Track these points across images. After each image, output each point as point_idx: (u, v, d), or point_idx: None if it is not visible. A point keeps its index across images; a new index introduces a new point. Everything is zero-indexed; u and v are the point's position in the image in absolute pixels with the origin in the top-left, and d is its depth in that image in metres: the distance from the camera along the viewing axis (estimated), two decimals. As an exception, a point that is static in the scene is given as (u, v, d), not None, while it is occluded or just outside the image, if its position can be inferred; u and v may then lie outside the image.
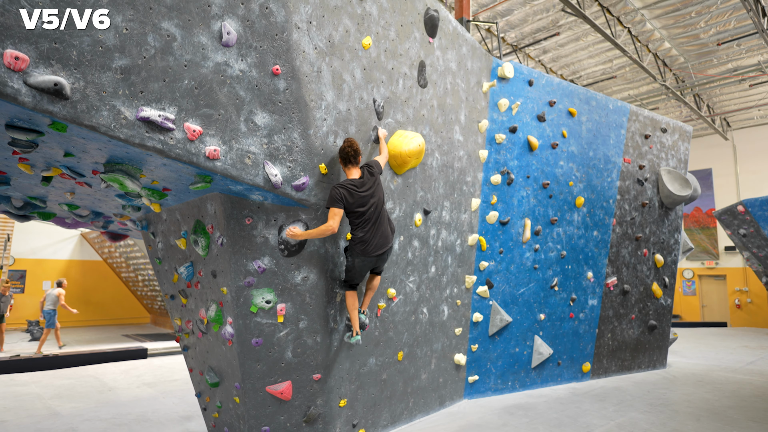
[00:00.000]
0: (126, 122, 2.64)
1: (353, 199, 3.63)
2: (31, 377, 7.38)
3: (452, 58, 5.33)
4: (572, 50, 13.15)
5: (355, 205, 3.65)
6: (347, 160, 3.68)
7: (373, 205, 3.73)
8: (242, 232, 3.57)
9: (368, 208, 3.71)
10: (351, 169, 3.74)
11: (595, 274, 7.63)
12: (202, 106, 2.93)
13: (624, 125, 8.04)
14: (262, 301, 3.68)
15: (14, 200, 4.45)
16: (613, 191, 7.86)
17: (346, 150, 3.66)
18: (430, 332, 5.36)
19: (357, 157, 3.70)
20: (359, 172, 3.79)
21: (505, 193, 6.51)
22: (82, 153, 3.01)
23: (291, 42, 3.27)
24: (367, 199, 3.71)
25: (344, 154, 3.67)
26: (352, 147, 3.66)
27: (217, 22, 2.92)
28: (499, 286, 6.50)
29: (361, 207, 3.68)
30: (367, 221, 3.72)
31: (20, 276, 15.09)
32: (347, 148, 3.65)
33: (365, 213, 3.71)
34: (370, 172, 3.82)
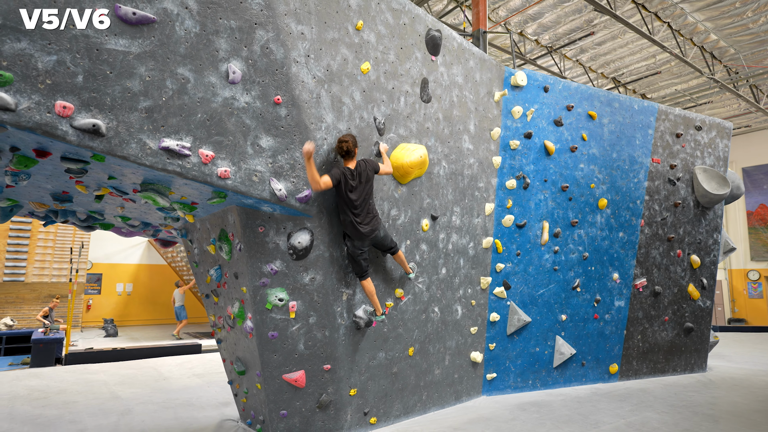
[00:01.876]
0: (150, 151, 3.25)
1: (345, 182, 4.17)
2: (101, 367, 8.43)
3: (458, 73, 5.66)
4: (611, 48, 12.92)
5: (347, 188, 4.19)
6: (342, 155, 4.21)
7: (361, 193, 4.22)
8: (256, 239, 4.12)
9: (357, 197, 4.22)
10: (347, 162, 4.25)
11: (622, 275, 7.61)
12: (213, 135, 3.50)
13: (651, 125, 7.96)
14: (276, 299, 4.21)
15: (79, 214, 5.28)
16: (640, 192, 7.80)
17: (340, 146, 4.17)
18: (442, 330, 5.70)
19: (351, 153, 4.19)
20: (354, 163, 4.27)
21: (521, 197, 6.71)
22: (121, 176, 3.67)
23: (290, 75, 3.79)
24: (355, 186, 4.21)
25: (339, 150, 4.19)
26: (342, 146, 4.16)
27: (224, 64, 3.48)
28: (517, 287, 6.70)
29: (350, 192, 4.21)
30: (355, 206, 4.23)
31: (97, 279, 16.79)
32: (341, 144, 4.16)
33: (354, 198, 4.21)
34: (364, 166, 4.26)
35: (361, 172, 4.25)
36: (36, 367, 9.30)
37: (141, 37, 3.12)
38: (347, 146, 4.16)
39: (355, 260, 4.42)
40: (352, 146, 4.18)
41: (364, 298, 4.68)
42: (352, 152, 4.20)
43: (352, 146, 4.19)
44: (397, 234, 4.99)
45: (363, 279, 4.51)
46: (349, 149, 4.17)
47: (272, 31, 3.64)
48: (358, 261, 4.42)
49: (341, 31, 4.19)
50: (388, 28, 4.66)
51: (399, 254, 4.76)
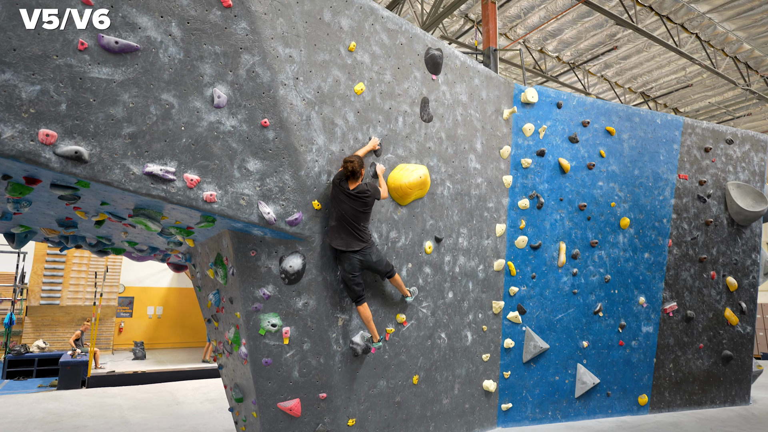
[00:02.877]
0: (134, 177, 3.26)
1: (334, 192, 4.14)
2: (120, 390, 8.53)
3: (462, 91, 5.55)
4: (637, 62, 12.55)
5: (334, 198, 4.15)
6: (347, 176, 4.14)
7: (345, 210, 4.13)
8: (248, 263, 4.07)
9: (340, 210, 4.14)
10: (351, 182, 4.18)
11: (649, 299, 7.16)
12: (199, 159, 3.49)
13: (677, 139, 7.58)
14: (269, 325, 4.12)
15: (88, 239, 5.40)
16: (666, 210, 7.39)
17: (345, 167, 4.11)
18: (450, 357, 5.46)
19: (356, 174, 4.13)
20: (356, 185, 4.19)
21: (535, 217, 6.46)
22: (113, 202, 3.71)
23: (277, 97, 3.77)
24: (343, 203, 4.12)
25: (344, 171, 4.13)
26: (348, 167, 4.10)
27: (209, 89, 3.49)
28: (533, 312, 6.39)
29: (335, 202, 4.15)
30: (337, 216, 4.17)
31: (129, 302, 17.24)
32: (346, 165, 4.10)
33: (337, 210, 4.15)
34: (364, 190, 4.17)
35: (359, 196, 4.15)
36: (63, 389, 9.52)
37: (124, 64, 3.17)
38: (352, 167, 4.09)
39: (348, 285, 4.30)
40: (357, 167, 4.11)
41: (361, 324, 4.54)
42: (357, 173, 4.14)
43: (358, 167, 4.12)
44: (398, 257, 4.85)
45: (359, 304, 4.37)
46: (355, 170, 4.10)
47: (258, 55, 3.65)
48: (351, 286, 4.29)
49: (332, 53, 4.17)
50: (384, 48, 4.62)
51: (395, 278, 4.61)
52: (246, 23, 3.58)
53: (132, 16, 3.17)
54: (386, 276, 4.51)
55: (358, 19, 4.37)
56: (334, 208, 4.20)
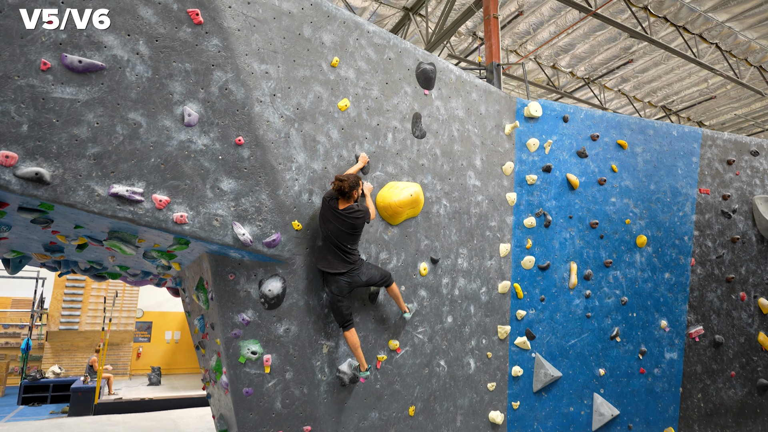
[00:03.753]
0: (99, 198, 3.15)
1: (323, 210, 3.96)
2: (123, 418, 8.41)
3: (458, 106, 5.36)
4: (655, 75, 12.16)
5: (322, 217, 3.97)
6: (339, 194, 3.94)
7: (331, 230, 3.94)
8: (227, 287, 3.90)
9: (326, 229, 3.95)
10: (342, 202, 3.98)
11: (672, 322, 6.67)
12: (168, 179, 3.37)
13: (696, 152, 7.17)
14: (249, 352, 3.92)
15: (80, 264, 5.35)
16: (687, 227, 6.94)
17: (336, 185, 3.91)
18: (451, 386, 5.12)
19: (345, 194, 3.92)
20: (347, 205, 3.99)
21: (543, 236, 6.13)
22: (86, 224, 3.61)
23: (253, 115, 3.65)
24: (330, 222, 3.93)
25: (335, 190, 3.93)
26: (336, 185, 3.90)
27: (180, 107, 3.39)
28: (543, 337, 6.00)
29: (323, 220, 3.97)
30: (323, 236, 3.98)
31: (147, 327, 17.33)
32: (337, 183, 3.90)
33: (324, 230, 3.98)
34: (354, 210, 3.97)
35: (348, 216, 3.94)
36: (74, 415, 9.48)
37: (89, 84, 3.10)
38: (340, 186, 3.88)
39: (335, 308, 4.07)
40: (347, 188, 3.89)
41: (348, 351, 4.28)
42: (347, 194, 3.92)
43: (348, 188, 3.90)
44: (389, 279, 4.60)
45: (346, 329, 4.12)
46: (343, 190, 3.88)
47: (231, 71, 3.55)
48: (339, 309, 4.06)
49: (313, 69, 4.05)
50: (370, 63, 4.48)
51: (393, 288, 4.40)
52: (218, 40, 3.49)
53: (97, 35, 3.11)
54: (384, 285, 4.34)
55: (341, 34, 4.25)
56: (321, 227, 4.01)
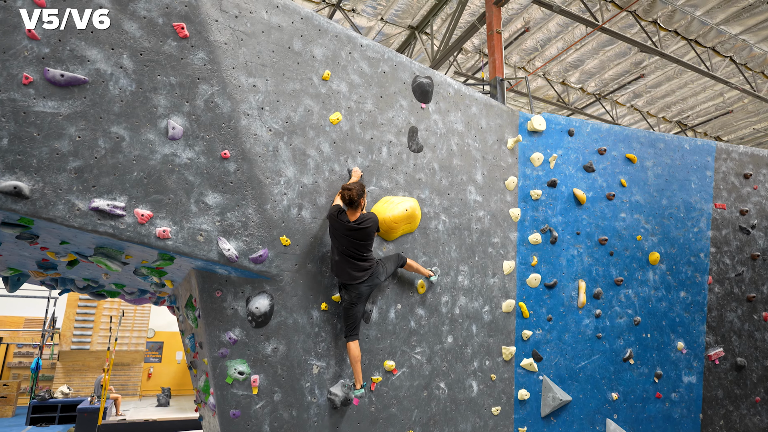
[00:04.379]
0: (79, 213, 3.10)
1: (333, 227, 3.92)
2: (126, 440, 8.27)
3: (458, 120, 5.25)
4: (669, 90, 11.93)
5: (333, 233, 3.95)
6: (346, 204, 3.89)
7: (345, 245, 3.91)
8: (213, 304, 3.79)
9: (340, 245, 3.92)
10: (351, 212, 3.91)
11: (689, 344, 6.33)
12: (151, 193, 3.32)
13: (710, 166, 6.92)
14: (236, 373, 3.78)
15: (77, 282, 5.32)
16: (703, 243, 6.65)
17: (343, 195, 3.87)
18: (452, 410, 4.89)
19: (353, 203, 3.86)
20: (357, 215, 3.92)
21: (549, 253, 5.91)
22: (71, 239, 3.57)
23: (239, 128, 3.59)
24: (343, 237, 3.89)
25: (342, 199, 3.90)
26: (345, 195, 3.85)
27: (164, 121, 3.35)
28: (551, 359, 5.74)
29: (334, 238, 3.94)
30: (338, 251, 3.95)
31: (158, 347, 17.31)
32: (344, 193, 3.86)
33: (338, 245, 3.94)
34: (365, 219, 3.91)
35: (360, 227, 3.87)
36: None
37: (71, 98, 3.09)
38: (350, 195, 3.82)
39: (349, 313, 4.00)
40: (356, 196, 3.83)
41: (340, 372, 4.12)
42: (356, 202, 3.87)
43: (356, 196, 3.84)
44: (384, 297, 4.45)
45: (351, 339, 3.99)
46: (353, 199, 3.83)
47: (217, 85, 3.51)
48: (354, 314, 3.99)
49: (304, 83, 4.00)
50: (364, 77, 4.42)
51: (409, 264, 4.45)
52: (204, 53, 3.47)
53: (80, 49, 3.10)
54: (400, 267, 4.41)
55: (333, 48, 4.21)
56: (334, 243, 3.97)
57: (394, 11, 9.40)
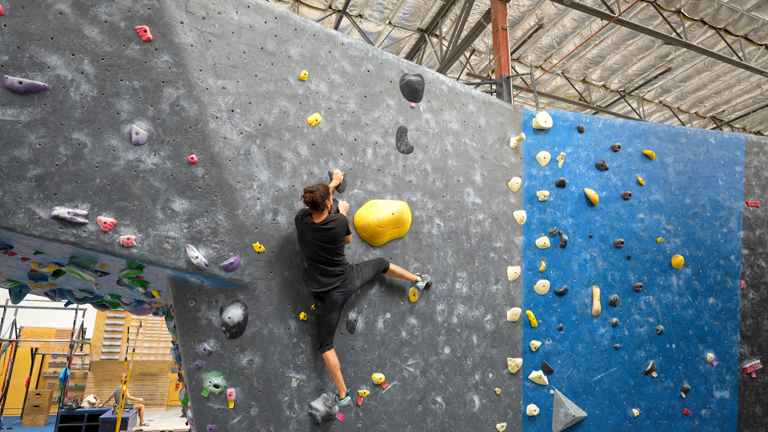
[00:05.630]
0: (40, 221, 3.04)
1: (299, 231, 3.73)
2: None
3: (452, 119, 5.01)
4: (700, 83, 11.23)
5: (300, 239, 3.75)
6: (310, 207, 3.68)
7: (313, 249, 3.71)
8: (188, 314, 3.67)
9: (308, 250, 3.73)
10: (316, 215, 3.71)
11: (721, 355, 5.79)
12: (115, 200, 3.23)
13: (739, 161, 6.38)
14: (211, 386, 3.64)
15: (75, 293, 5.34)
16: (734, 245, 6.10)
17: (304, 197, 3.64)
18: (451, 426, 4.59)
19: (318, 205, 3.64)
20: (323, 218, 3.71)
21: (559, 258, 5.54)
22: (43, 249, 3.53)
23: (207, 132, 3.48)
24: (310, 242, 3.69)
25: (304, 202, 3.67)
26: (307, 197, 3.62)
27: (127, 126, 3.28)
28: (563, 371, 5.34)
29: (301, 242, 3.75)
30: (306, 257, 3.76)
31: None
32: (305, 195, 3.63)
33: (305, 251, 3.75)
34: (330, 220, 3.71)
35: (326, 228, 3.66)
36: (101, 446, 9.49)
37: (31, 105, 3.04)
38: (312, 197, 3.58)
39: (323, 321, 3.81)
40: (319, 198, 3.60)
41: (322, 384, 3.91)
42: (320, 205, 3.63)
43: (320, 198, 3.60)
44: (371, 306, 4.23)
45: (326, 350, 3.77)
46: (315, 201, 3.59)
47: (183, 88, 3.42)
48: (328, 322, 3.80)
49: (279, 83, 3.86)
50: (345, 76, 4.25)
51: (392, 269, 4.22)
52: (169, 56, 3.38)
53: (40, 55, 3.06)
54: (383, 273, 4.20)
55: (311, 47, 4.07)
56: (302, 249, 3.76)
57: (401, 14, 9.24)
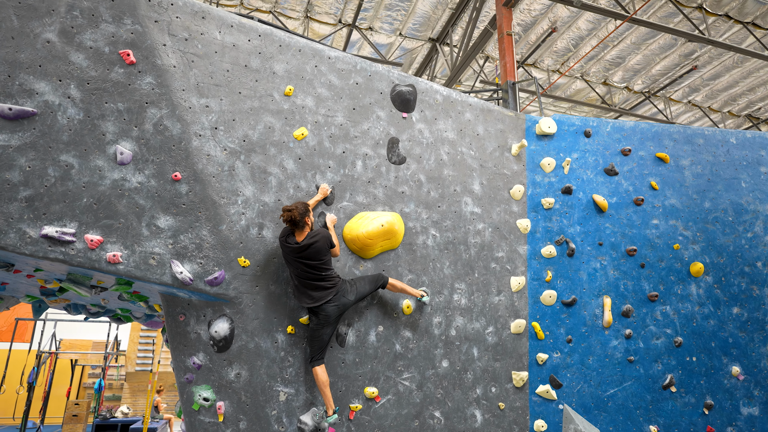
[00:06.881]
0: (30, 240, 3.19)
1: (283, 251, 3.76)
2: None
3: (448, 128, 4.95)
4: (731, 81, 10.71)
5: (285, 258, 3.79)
6: (290, 225, 3.69)
7: (300, 268, 3.73)
8: (178, 328, 3.74)
9: (295, 269, 3.76)
10: (298, 233, 3.73)
11: (748, 369, 5.42)
12: (102, 218, 3.35)
13: (764, 161, 6.02)
14: (201, 399, 3.69)
15: (88, 307, 5.55)
16: (759, 250, 5.74)
17: (283, 216, 3.64)
18: (451, 442, 4.47)
19: (297, 223, 3.65)
20: (304, 236, 3.72)
21: (566, 267, 5.35)
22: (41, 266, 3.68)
23: (190, 149, 3.57)
24: (296, 261, 3.71)
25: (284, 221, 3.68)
26: (286, 217, 3.63)
27: (112, 146, 3.40)
28: (572, 386, 5.12)
29: (287, 262, 3.78)
30: (295, 275, 3.79)
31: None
32: (284, 214, 3.63)
33: (293, 270, 3.78)
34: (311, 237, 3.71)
35: (307, 247, 3.66)
36: (130, 455, 9.76)
37: (21, 130, 3.21)
38: (290, 216, 3.59)
39: (316, 335, 3.81)
40: (298, 216, 3.61)
41: (312, 398, 3.89)
42: (299, 222, 3.65)
43: (298, 216, 3.61)
44: (362, 319, 4.19)
45: (317, 364, 3.76)
46: (294, 219, 3.60)
47: (166, 107, 3.52)
48: (320, 336, 3.80)
49: (263, 99, 3.93)
50: (333, 90, 4.28)
51: (392, 284, 4.17)
52: (152, 77, 3.50)
53: (29, 83, 3.23)
54: (382, 288, 4.15)
55: (296, 63, 4.12)
56: (290, 268, 3.81)
57: (412, 25, 9.27)
